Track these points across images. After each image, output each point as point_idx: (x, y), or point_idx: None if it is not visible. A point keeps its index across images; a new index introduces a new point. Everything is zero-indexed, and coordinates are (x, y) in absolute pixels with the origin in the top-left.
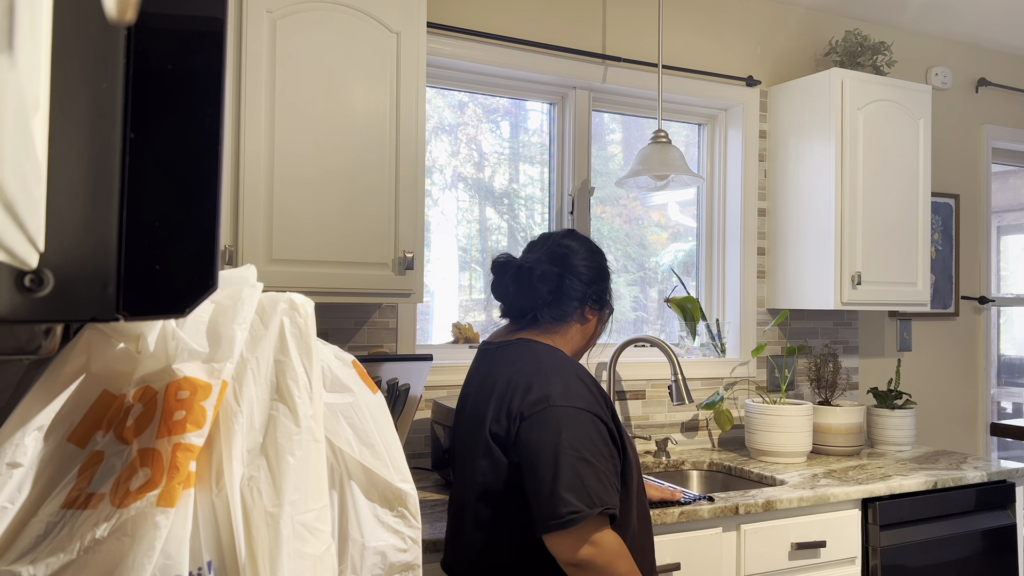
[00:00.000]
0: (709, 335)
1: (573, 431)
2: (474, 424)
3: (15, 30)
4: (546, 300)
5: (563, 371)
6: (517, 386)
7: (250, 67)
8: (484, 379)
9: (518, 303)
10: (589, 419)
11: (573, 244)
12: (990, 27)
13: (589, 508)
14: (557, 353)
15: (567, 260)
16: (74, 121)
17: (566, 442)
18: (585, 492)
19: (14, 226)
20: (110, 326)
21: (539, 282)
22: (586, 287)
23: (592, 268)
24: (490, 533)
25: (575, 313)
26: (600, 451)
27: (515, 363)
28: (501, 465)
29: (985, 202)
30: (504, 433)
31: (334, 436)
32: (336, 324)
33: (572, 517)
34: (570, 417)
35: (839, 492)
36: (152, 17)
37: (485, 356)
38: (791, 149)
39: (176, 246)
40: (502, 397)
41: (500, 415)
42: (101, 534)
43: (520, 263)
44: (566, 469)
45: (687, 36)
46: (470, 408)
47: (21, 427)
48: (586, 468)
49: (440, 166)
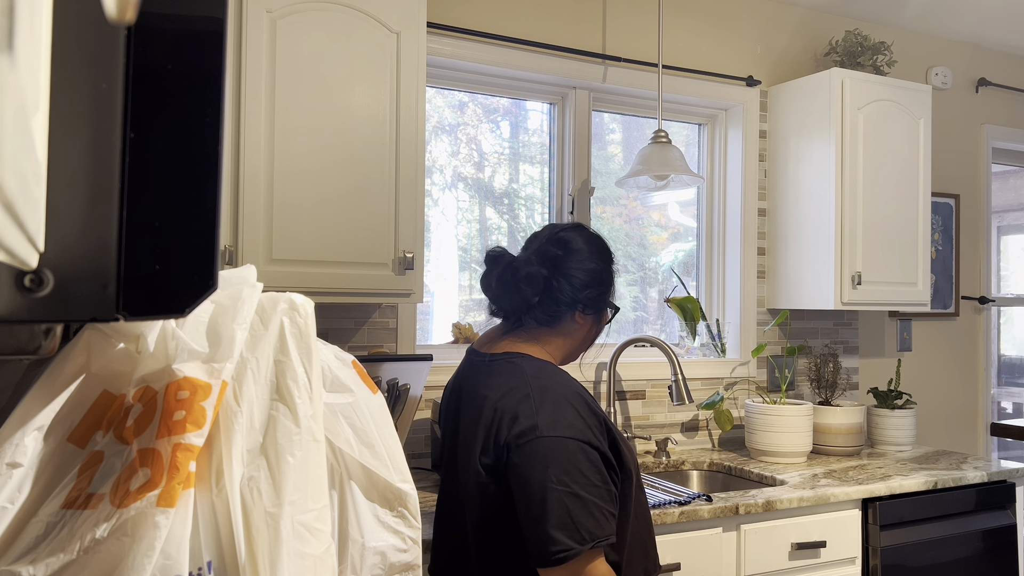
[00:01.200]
0: (709, 335)
1: (560, 464)
2: (465, 447)
3: (15, 30)
4: (530, 302)
5: (552, 395)
6: (504, 414)
7: (250, 67)
8: (471, 397)
9: (502, 303)
10: (578, 448)
11: (577, 243)
12: (990, 27)
13: (580, 545)
14: (546, 371)
15: (561, 261)
16: (74, 121)
17: (553, 476)
18: (575, 529)
19: (14, 226)
20: (110, 326)
21: (524, 284)
22: (576, 292)
23: (590, 272)
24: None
25: (564, 317)
26: (591, 481)
27: (502, 386)
28: (493, 494)
29: (985, 202)
30: (493, 463)
31: (334, 436)
32: (336, 324)
33: (563, 555)
34: (557, 448)
35: (839, 492)
36: (152, 17)
37: (471, 369)
38: (791, 149)
39: (176, 246)
40: (489, 426)
41: (488, 446)
42: (101, 534)
43: (508, 260)
44: (554, 506)
45: (687, 36)
46: (461, 426)
47: (21, 427)
48: (575, 503)
49: (440, 166)
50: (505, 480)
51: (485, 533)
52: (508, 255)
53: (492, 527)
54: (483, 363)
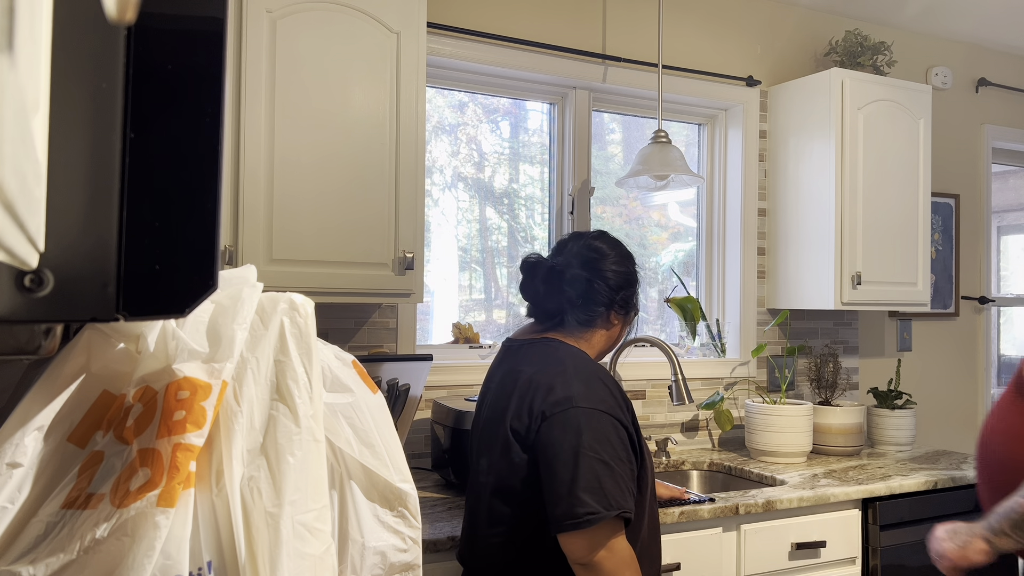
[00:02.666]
0: (709, 335)
1: (594, 433)
2: (494, 419)
3: (15, 30)
4: (574, 303)
5: (586, 373)
6: (539, 385)
7: (250, 67)
8: (506, 375)
9: (546, 305)
10: (610, 422)
11: (604, 247)
12: (990, 27)
13: (606, 510)
14: (581, 355)
15: (596, 264)
16: (74, 121)
17: (586, 443)
18: (603, 494)
19: (14, 226)
20: (110, 326)
21: (568, 285)
22: (613, 293)
23: (620, 274)
24: (505, 530)
25: (601, 317)
26: (619, 455)
27: (538, 362)
28: (519, 461)
29: (985, 202)
30: (524, 430)
31: (334, 436)
32: (336, 324)
33: (589, 518)
34: (592, 419)
35: (839, 492)
36: (152, 17)
37: (508, 353)
38: (791, 149)
39: (176, 246)
40: (523, 395)
41: (521, 412)
42: (101, 534)
43: (551, 264)
44: (585, 470)
45: (687, 36)
46: (490, 402)
47: (21, 427)
48: (604, 470)
49: (440, 166)
50: (532, 449)
51: (500, 498)
52: (546, 260)
53: (509, 493)
54: (519, 347)
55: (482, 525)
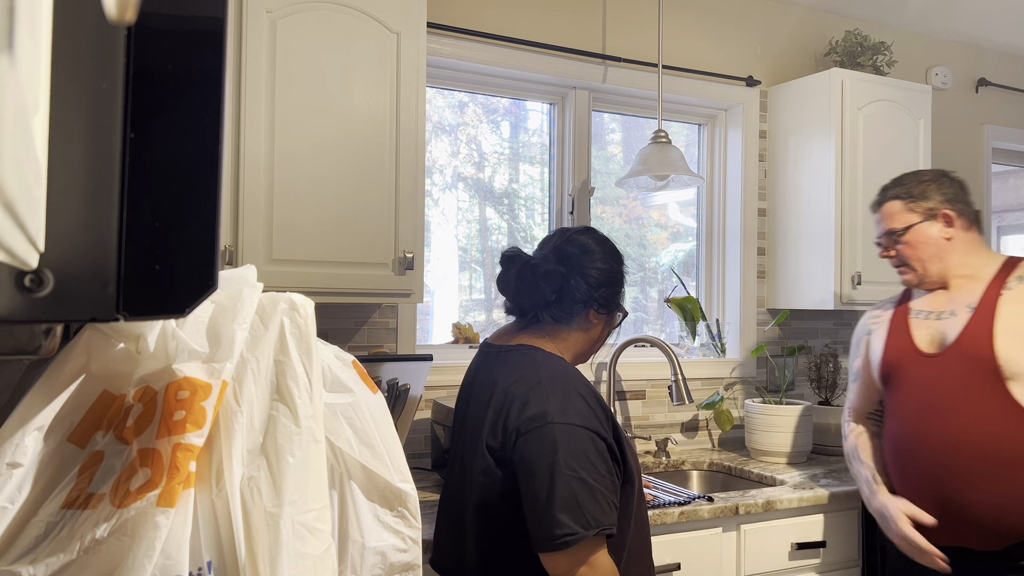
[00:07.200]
0: (709, 335)
1: (570, 449)
2: (473, 431)
3: (15, 30)
4: (548, 300)
5: (562, 385)
6: (514, 399)
7: (250, 67)
8: (482, 385)
9: (519, 301)
10: (587, 436)
11: (589, 243)
12: (990, 27)
13: (584, 530)
14: (558, 363)
15: (576, 260)
16: (74, 121)
17: (562, 461)
18: (580, 513)
19: (14, 226)
20: (110, 326)
21: (542, 281)
22: (592, 290)
23: (603, 272)
24: (490, 546)
25: (579, 316)
26: (597, 469)
27: (513, 373)
28: (497, 477)
29: (985, 202)
30: (500, 447)
31: (334, 436)
32: (336, 324)
33: (567, 539)
34: (567, 434)
35: (839, 492)
36: (152, 17)
37: (486, 359)
38: (791, 149)
39: (176, 246)
40: (499, 409)
41: (496, 428)
42: (101, 534)
43: (526, 259)
44: (561, 489)
45: (687, 36)
46: (470, 412)
47: (21, 427)
48: (582, 488)
49: (440, 166)
50: (510, 465)
51: (483, 516)
52: (524, 255)
53: (491, 510)
54: (496, 354)
55: (468, 543)
